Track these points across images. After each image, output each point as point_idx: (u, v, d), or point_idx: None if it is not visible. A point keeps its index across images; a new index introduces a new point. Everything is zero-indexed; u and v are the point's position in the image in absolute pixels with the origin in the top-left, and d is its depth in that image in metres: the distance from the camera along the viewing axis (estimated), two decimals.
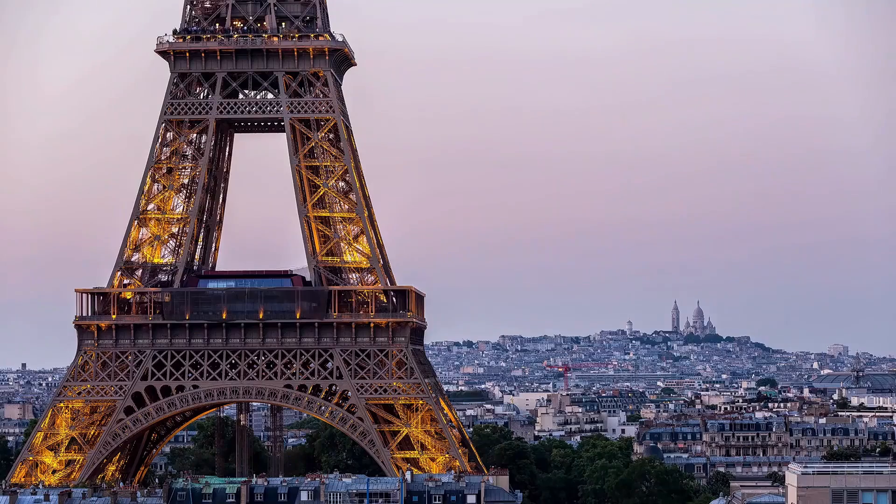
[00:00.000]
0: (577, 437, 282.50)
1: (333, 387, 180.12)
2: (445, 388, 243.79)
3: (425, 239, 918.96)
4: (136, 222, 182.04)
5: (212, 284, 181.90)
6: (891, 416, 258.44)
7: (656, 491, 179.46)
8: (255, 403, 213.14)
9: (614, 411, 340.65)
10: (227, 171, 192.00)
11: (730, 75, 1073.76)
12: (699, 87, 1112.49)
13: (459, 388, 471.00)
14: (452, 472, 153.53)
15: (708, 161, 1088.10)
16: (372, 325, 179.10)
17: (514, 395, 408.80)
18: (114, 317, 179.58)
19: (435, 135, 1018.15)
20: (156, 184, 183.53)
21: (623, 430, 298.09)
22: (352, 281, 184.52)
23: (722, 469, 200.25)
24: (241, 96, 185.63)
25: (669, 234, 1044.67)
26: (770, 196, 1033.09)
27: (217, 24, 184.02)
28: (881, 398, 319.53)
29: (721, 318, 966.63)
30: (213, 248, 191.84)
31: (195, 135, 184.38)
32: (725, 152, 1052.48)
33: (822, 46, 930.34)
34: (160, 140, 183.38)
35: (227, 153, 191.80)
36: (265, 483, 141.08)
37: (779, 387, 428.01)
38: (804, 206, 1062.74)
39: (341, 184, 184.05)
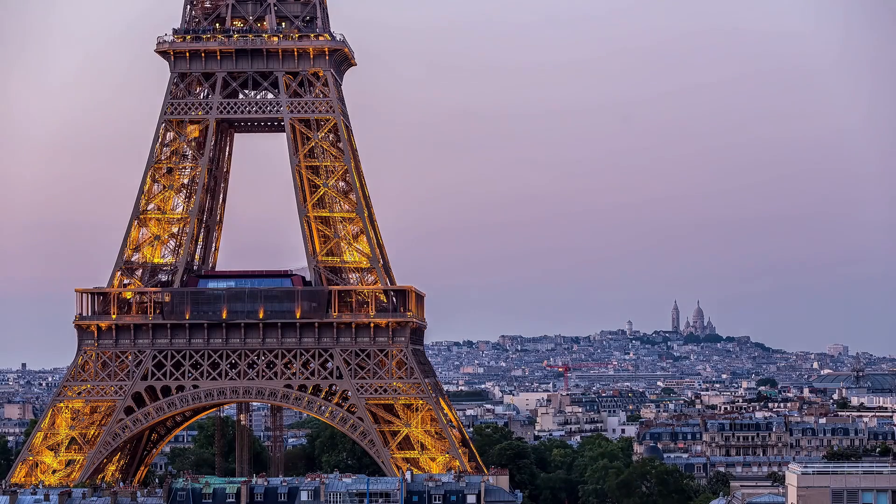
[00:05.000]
0: (578, 437, 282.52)
1: (333, 387, 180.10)
2: (445, 388, 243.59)
3: (425, 239, 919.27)
4: (136, 222, 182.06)
5: (212, 284, 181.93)
6: (891, 416, 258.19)
7: (656, 491, 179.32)
8: (255, 403, 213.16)
9: (614, 411, 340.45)
10: (227, 171, 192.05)
11: (730, 74, 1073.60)
12: (698, 86, 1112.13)
13: (459, 388, 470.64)
14: (452, 472, 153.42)
15: (708, 161, 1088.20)
16: (372, 325, 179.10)
17: (514, 395, 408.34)
18: (114, 317, 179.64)
19: (435, 134, 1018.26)
20: (156, 184, 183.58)
21: (623, 430, 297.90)
22: (352, 281, 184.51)
23: (722, 469, 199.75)
24: (241, 96, 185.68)
25: (670, 234, 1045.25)
26: (769, 196, 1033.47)
27: (217, 24, 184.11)
28: (881, 398, 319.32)
29: (721, 318, 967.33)
30: (213, 248, 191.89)
31: (195, 135, 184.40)
32: (725, 152, 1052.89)
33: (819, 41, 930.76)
34: (160, 140, 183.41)
35: (227, 153, 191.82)
36: (265, 483, 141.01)
37: (779, 387, 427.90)
38: (804, 206, 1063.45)
39: (341, 184, 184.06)
